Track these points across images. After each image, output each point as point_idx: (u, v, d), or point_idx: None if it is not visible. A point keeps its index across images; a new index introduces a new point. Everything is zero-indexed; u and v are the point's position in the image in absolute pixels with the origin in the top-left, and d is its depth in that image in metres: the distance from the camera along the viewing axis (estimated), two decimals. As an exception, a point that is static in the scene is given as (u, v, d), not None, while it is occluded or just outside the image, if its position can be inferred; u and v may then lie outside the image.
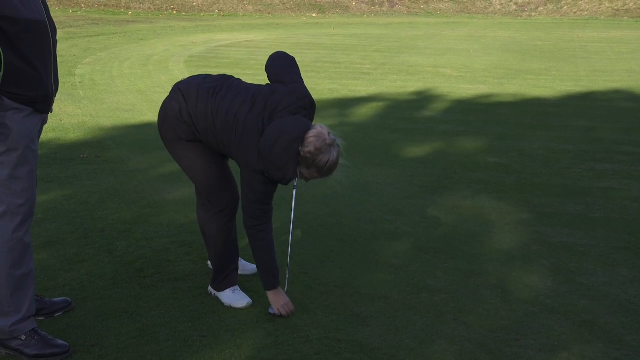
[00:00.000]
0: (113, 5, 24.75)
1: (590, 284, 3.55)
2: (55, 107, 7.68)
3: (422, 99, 9.15)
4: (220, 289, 3.31)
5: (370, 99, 8.98)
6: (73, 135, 6.54)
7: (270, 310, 3.18)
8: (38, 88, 2.73)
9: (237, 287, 3.33)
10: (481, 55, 14.08)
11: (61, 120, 7.03)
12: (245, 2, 27.25)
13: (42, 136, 2.91)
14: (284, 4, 27.47)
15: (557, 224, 4.43)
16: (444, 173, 5.61)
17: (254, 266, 3.61)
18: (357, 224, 4.39)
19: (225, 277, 3.31)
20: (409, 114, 8.13)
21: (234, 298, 3.28)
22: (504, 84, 10.33)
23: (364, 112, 8.16)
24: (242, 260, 3.65)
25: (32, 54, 2.67)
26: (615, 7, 26.66)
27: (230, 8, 26.36)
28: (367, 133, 7.08)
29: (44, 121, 2.90)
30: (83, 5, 24.30)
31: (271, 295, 3.18)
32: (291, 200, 3.38)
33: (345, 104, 8.60)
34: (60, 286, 3.39)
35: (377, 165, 5.81)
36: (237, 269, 3.38)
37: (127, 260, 3.72)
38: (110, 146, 6.20)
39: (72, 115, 7.35)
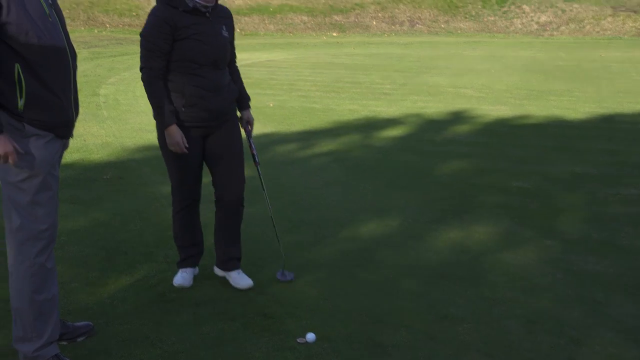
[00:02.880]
0: (137, 25, 25.08)
1: (617, 316, 3.47)
2: (79, 127, 7.78)
3: (443, 120, 9.12)
4: (178, 266, 3.78)
5: (391, 120, 8.97)
6: (96, 155, 6.61)
7: (278, 276, 3.78)
8: (59, 114, 2.76)
9: (188, 269, 3.74)
10: (502, 75, 14.02)
11: (85, 141, 7.12)
12: (266, 22, 27.49)
13: (66, 157, 2.95)
14: (304, 23, 27.67)
15: (582, 251, 4.36)
16: (465, 197, 5.56)
17: (248, 281, 3.71)
18: (378, 249, 4.36)
19: (183, 259, 3.74)
20: (429, 135, 8.10)
21: (178, 278, 3.71)
22: (525, 105, 10.26)
23: (384, 133, 8.15)
24: (241, 272, 3.75)
25: (52, 80, 2.70)
26: (639, 27, 26.47)
27: (252, 27, 26.61)
28: (388, 155, 7.06)
29: (65, 146, 2.93)
30: (108, 25, 24.69)
31: (166, 133, 3.43)
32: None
33: (365, 125, 8.60)
34: (82, 310, 3.40)
35: (398, 188, 5.78)
36: (197, 254, 3.80)
37: (149, 284, 3.73)
38: (133, 167, 6.26)
39: (95, 136, 7.44)
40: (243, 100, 3.77)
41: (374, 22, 27.99)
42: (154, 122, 3.55)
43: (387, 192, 5.66)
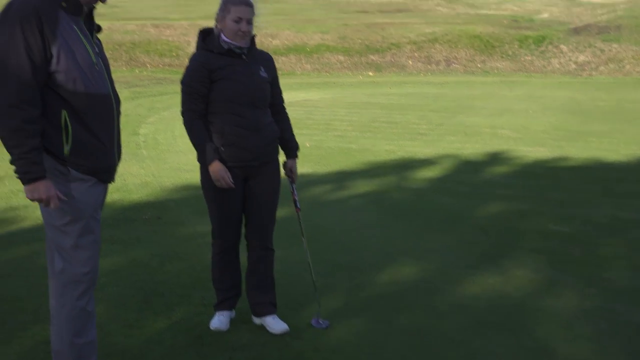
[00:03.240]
0: (176, 65, 25.72)
1: (665, 370, 3.35)
2: (120, 166, 7.96)
3: (480, 161, 9.05)
4: (215, 309, 3.78)
5: (427, 161, 8.94)
6: (136, 195, 6.73)
7: (313, 323, 3.74)
8: (103, 159, 2.82)
9: (225, 312, 3.75)
10: (540, 116, 13.89)
11: (125, 180, 7.25)
12: (303, 61, 27.90)
13: (107, 196, 3.00)
14: (340, 62, 27.97)
15: (627, 301, 4.22)
16: (504, 241, 5.47)
17: (283, 326, 3.68)
18: (415, 294, 4.30)
19: (220, 302, 3.75)
20: (467, 177, 8.04)
21: (215, 321, 3.71)
22: (564, 147, 10.12)
23: (421, 174, 8.12)
24: (276, 317, 3.73)
25: (97, 125, 2.77)
26: (680, 66, 26.06)
27: (289, 67, 27.02)
28: (425, 197, 7.02)
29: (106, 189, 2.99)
30: (148, 65, 25.35)
31: (210, 170, 3.48)
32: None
33: (402, 166, 8.58)
34: (120, 352, 3.42)
35: (434, 231, 5.73)
36: (235, 296, 3.81)
37: (186, 326, 3.74)
38: (171, 207, 6.34)
39: (135, 175, 7.59)
40: (290, 150, 3.82)
41: (410, 62, 28.14)
42: (191, 161, 3.64)
43: (424, 235, 5.61)
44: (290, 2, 41.55)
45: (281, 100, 3.79)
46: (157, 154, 9.08)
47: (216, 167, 3.46)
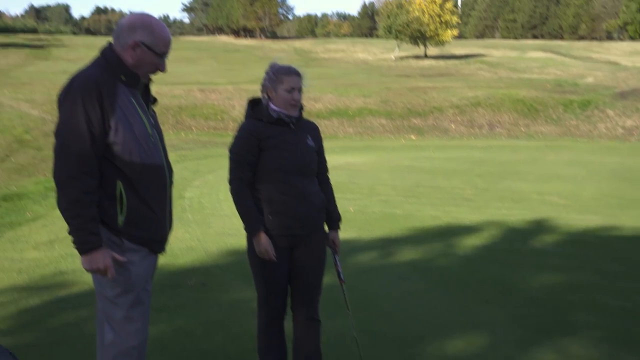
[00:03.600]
0: (221, 128, 26.25)
1: None
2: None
3: (530, 229, 8.82)
4: None
5: (475, 228, 8.75)
6: (181, 260, 6.73)
7: None
8: (155, 229, 2.83)
9: None
10: (589, 181, 13.60)
11: (171, 245, 7.25)
12: (345, 125, 28.17)
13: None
14: (383, 126, 28.14)
15: (696, 385, 3.97)
16: (559, 315, 5.25)
17: None
18: (467, 371, 4.13)
19: None
20: (515, 245, 7.83)
21: None
22: (617, 215, 9.82)
23: (468, 242, 7.94)
24: None
25: (150, 196, 2.79)
26: None
27: (331, 130, 27.29)
28: (473, 266, 6.83)
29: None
30: (194, 129, 25.92)
31: (254, 240, 3.47)
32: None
33: (448, 233, 8.42)
34: None
35: (484, 303, 5.54)
36: None
37: (230, 401, 3.64)
38: (216, 273, 6.31)
39: (181, 240, 7.61)
40: (333, 221, 3.80)
41: (453, 126, 28.14)
42: (236, 225, 3.64)
43: (473, 306, 5.42)
44: (333, 67, 42.38)
45: (325, 170, 3.80)
46: (202, 217, 9.14)
47: (261, 240, 3.44)
